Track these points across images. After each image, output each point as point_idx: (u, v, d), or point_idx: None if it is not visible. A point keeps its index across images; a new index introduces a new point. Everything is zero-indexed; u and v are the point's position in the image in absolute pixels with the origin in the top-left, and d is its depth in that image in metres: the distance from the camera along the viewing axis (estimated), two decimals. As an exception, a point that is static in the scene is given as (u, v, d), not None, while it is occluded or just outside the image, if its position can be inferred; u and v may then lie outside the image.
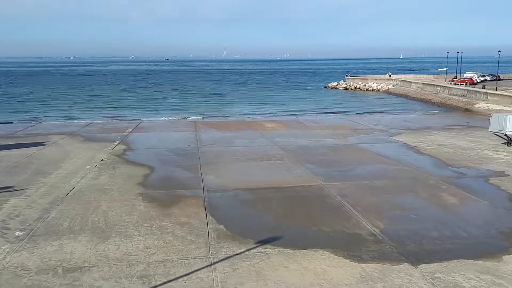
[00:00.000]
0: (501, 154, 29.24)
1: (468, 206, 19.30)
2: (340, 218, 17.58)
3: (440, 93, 73.22)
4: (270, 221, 17.40)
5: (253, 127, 42.73)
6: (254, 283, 12.45)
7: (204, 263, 13.65)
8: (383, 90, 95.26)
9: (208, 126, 44.10)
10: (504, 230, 16.40)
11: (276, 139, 35.68)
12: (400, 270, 13.25)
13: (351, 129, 41.28)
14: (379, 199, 20.05)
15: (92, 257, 14.12)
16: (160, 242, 15.30)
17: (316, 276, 12.88)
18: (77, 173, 24.62)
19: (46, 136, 37.41)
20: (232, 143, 33.99)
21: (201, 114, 59.83)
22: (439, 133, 38.29)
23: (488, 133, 34.55)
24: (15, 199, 20.12)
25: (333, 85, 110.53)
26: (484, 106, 56.89)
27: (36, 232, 16.23)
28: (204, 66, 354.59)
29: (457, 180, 23.08)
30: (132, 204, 19.31)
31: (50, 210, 18.62)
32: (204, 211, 18.43)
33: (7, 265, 13.62)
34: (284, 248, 14.77)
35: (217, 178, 23.57)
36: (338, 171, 25.07)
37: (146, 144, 33.94)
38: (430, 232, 16.13)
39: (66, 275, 12.98)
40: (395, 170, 25.28)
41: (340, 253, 14.37)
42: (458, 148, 31.36)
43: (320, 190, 21.42)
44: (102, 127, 43.71)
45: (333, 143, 33.81)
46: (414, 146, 32.50)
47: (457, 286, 12.28)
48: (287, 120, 49.47)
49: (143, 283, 12.49)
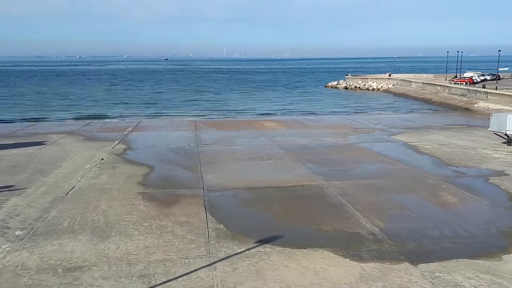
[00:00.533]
0: (501, 154, 29.25)
1: (468, 205, 19.30)
2: (340, 217, 17.59)
3: (440, 92, 73.22)
4: (270, 220, 17.41)
5: (253, 126, 42.73)
6: (254, 283, 12.46)
7: (204, 263, 13.66)
8: (383, 89, 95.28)
9: (208, 125, 44.10)
10: (504, 229, 16.40)
11: (276, 138, 35.68)
12: (400, 269, 13.26)
13: (351, 128, 41.27)
14: (379, 198, 20.06)
15: (92, 256, 14.12)
16: (160, 241, 15.30)
17: (316, 275, 12.89)
18: (77, 173, 24.63)
19: (46, 135, 37.41)
20: (232, 142, 33.99)
21: (202, 113, 59.83)
22: (439, 133, 38.29)
23: (488, 133, 34.54)
24: (15, 198, 20.13)
25: (333, 85, 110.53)
26: (484, 106, 56.88)
27: (36, 231, 16.23)
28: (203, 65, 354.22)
29: (457, 180, 23.08)
30: (132, 204, 19.32)
31: (50, 209, 18.62)
32: (204, 210, 18.43)
33: (7, 264, 13.62)
34: (284, 247, 14.78)
35: (217, 178, 23.57)
36: (338, 170, 25.08)
37: (146, 143, 33.94)
38: (430, 231, 16.13)
39: (66, 274, 12.98)
40: (395, 170, 25.28)
41: (340, 252, 14.38)
42: (458, 148, 31.37)
43: (320, 189, 21.42)
44: (102, 126, 43.72)
45: (333, 143, 33.81)
46: (414, 145, 32.50)
47: (457, 285, 12.29)
48: (287, 119, 49.47)
49: (143, 282, 12.50)
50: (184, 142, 34.11)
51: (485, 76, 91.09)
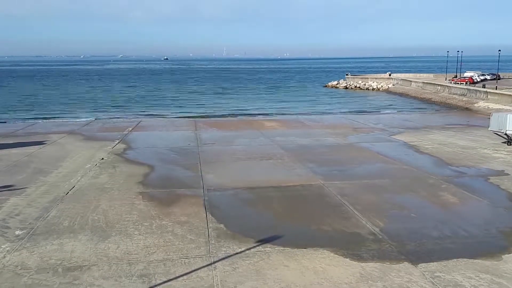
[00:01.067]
0: (501, 153, 29.25)
1: (468, 205, 19.30)
2: (340, 217, 17.59)
3: (440, 92, 73.20)
4: (270, 220, 17.41)
5: (253, 126, 42.73)
6: (254, 282, 12.46)
7: (204, 262, 13.66)
8: (383, 89, 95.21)
9: (208, 125, 44.11)
10: (504, 229, 16.40)
11: (276, 138, 35.68)
12: (400, 269, 13.26)
13: (351, 128, 41.27)
14: (379, 198, 20.06)
15: (92, 256, 14.12)
16: (160, 241, 15.30)
17: (316, 275, 12.89)
18: (77, 172, 24.63)
19: (46, 135, 37.42)
20: (232, 142, 33.98)
21: (201, 113, 59.82)
22: (439, 132, 38.29)
23: (488, 132, 34.55)
24: (15, 198, 20.13)
25: (333, 84, 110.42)
26: (484, 105, 56.86)
27: (36, 231, 16.23)
28: (203, 65, 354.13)
29: (457, 179, 23.08)
30: (132, 203, 19.32)
31: (50, 209, 18.62)
32: (204, 210, 18.43)
33: (7, 264, 13.62)
34: (284, 247, 14.78)
35: (217, 177, 23.57)
36: (338, 170, 25.07)
37: (146, 143, 33.94)
38: (430, 231, 16.13)
39: (66, 274, 12.99)
40: (395, 169, 25.28)
41: (340, 252, 14.38)
42: (458, 147, 31.37)
43: (320, 189, 21.42)
44: (102, 126, 43.72)
45: (333, 142, 33.81)
46: (414, 145, 32.50)
47: (457, 285, 12.29)
48: (287, 119, 49.47)
49: (143, 282, 12.50)
50: (184, 142, 34.11)
51: (485, 76, 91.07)
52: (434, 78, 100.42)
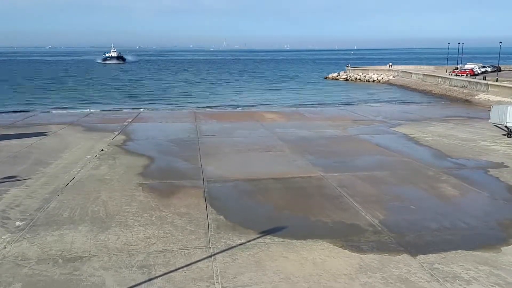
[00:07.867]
0: (501, 146, 29.25)
1: (468, 197, 19.33)
2: (340, 209, 17.63)
3: (441, 84, 73.03)
4: (270, 212, 17.45)
5: (253, 118, 42.68)
6: (254, 273, 12.51)
7: (204, 253, 13.70)
8: (384, 81, 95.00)
9: (208, 116, 44.05)
10: (503, 221, 16.45)
11: (276, 130, 35.66)
12: (399, 260, 13.31)
13: (351, 120, 41.24)
14: (379, 190, 20.08)
15: (92, 247, 14.17)
16: (160, 232, 15.34)
17: (315, 266, 12.94)
18: (77, 163, 24.63)
19: (46, 126, 37.37)
20: (232, 134, 33.96)
21: (201, 104, 59.72)
22: (439, 124, 38.25)
23: (488, 125, 34.52)
24: (15, 189, 20.15)
25: (333, 76, 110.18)
26: (484, 98, 56.77)
27: (36, 222, 16.27)
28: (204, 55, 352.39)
29: (456, 172, 23.10)
30: (132, 195, 19.34)
31: (50, 200, 18.65)
32: (204, 201, 18.46)
33: (8, 254, 13.67)
34: (284, 238, 14.82)
35: (217, 169, 23.58)
36: (337, 162, 25.08)
37: (146, 135, 33.92)
38: (429, 223, 16.17)
39: (66, 264, 13.04)
40: (395, 161, 25.29)
41: (339, 244, 14.42)
42: (458, 140, 31.36)
43: (320, 181, 21.44)
44: (102, 117, 43.65)
45: (333, 134, 33.80)
46: (414, 137, 32.49)
47: (456, 276, 12.34)
48: (287, 111, 49.40)
49: (143, 273, 12.55)
50: (184, 133, 34.08)
51: (486, 68, 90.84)
52: (434, 70, 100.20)
